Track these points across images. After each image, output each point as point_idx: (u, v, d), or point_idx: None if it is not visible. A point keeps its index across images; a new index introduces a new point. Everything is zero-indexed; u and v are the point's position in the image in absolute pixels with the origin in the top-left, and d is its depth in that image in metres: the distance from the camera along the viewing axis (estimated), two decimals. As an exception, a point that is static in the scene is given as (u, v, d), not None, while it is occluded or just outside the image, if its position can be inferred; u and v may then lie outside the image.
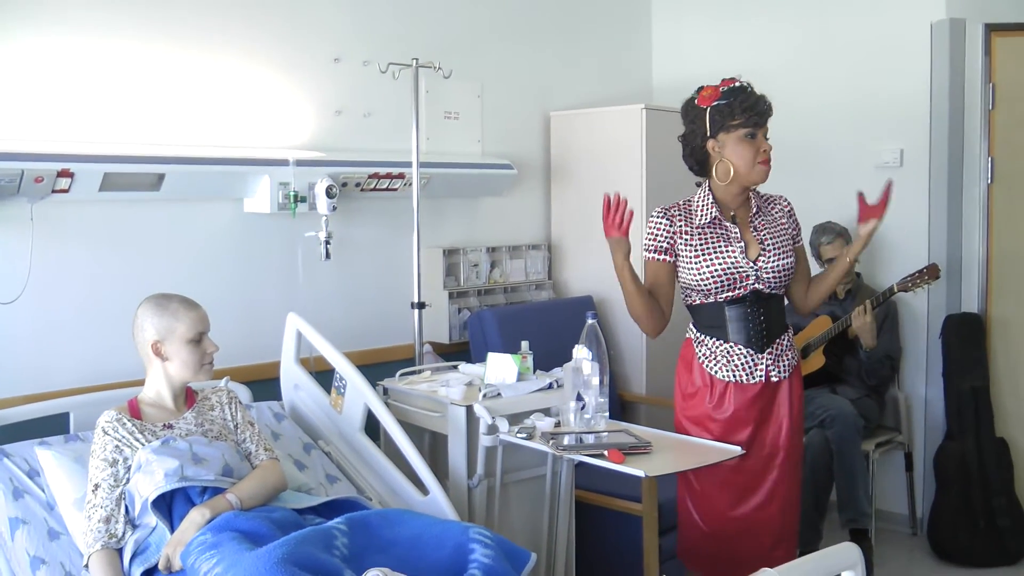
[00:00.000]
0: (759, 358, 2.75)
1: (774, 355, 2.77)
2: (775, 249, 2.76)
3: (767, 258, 2.74)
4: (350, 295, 3.69)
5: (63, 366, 2.97)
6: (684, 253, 2.76)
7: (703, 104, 2.74)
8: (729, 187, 2.76)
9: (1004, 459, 4.02)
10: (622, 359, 4.22)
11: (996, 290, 4.18)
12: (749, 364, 2.75)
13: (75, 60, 2.97)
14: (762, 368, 2.75)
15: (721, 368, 2.76)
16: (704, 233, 2.76)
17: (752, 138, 2.70)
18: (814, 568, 1.58)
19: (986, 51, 4.10)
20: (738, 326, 2.75)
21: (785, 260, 2.76)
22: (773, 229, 2.79)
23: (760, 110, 2.70)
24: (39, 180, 2.77)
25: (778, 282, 2.76)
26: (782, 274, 2.76)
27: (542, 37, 4.38)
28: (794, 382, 2.82)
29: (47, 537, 2.38)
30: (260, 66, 3.40)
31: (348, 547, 2.15)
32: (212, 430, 2.50)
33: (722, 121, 2.70)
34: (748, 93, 2.71)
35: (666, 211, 2.80)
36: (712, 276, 2.72)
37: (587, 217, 4.31)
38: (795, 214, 2.89)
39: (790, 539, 2.86)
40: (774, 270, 2.73)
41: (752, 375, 2.75)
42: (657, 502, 2.80)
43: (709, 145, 2.75)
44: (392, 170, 3.61)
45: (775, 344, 2.78)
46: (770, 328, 2.76)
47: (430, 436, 3.14)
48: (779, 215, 2.84)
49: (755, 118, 2.69)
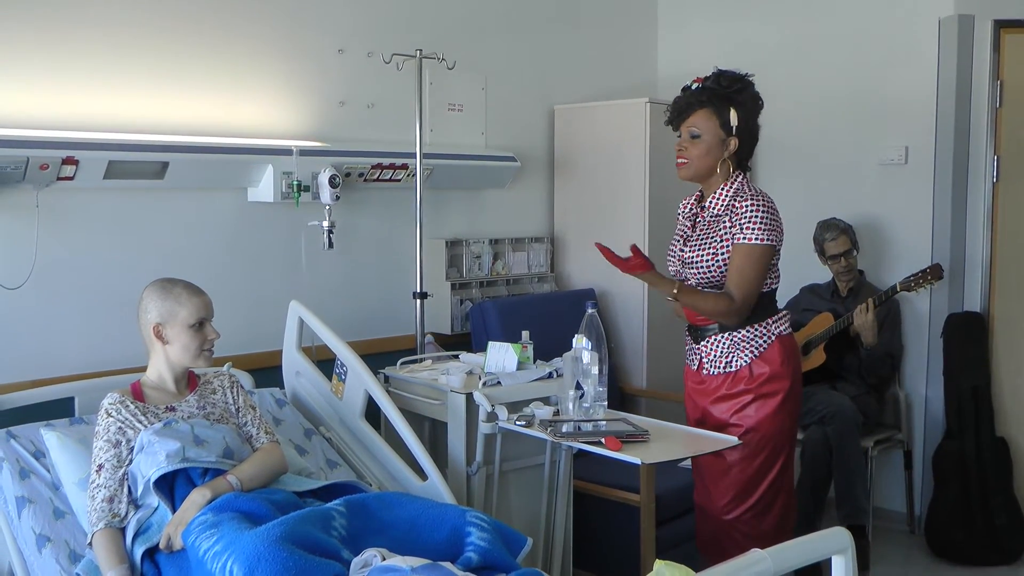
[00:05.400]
0: (696, 348, 2.89)
1: (708, 348, 2.84)
2: (697, 241, 2.83)
3: (689, 249, 2.85)
4: (353, 285, 3.71)
5: (68, 352, 3.00)
6: None
7: None
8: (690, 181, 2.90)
9: (1003, 459, 4.02)
10: (623, 352, 4.24)
11: (999, 289, 4.16)
12: (690, 352, 2.94)
13: (80, 48, 2.99)
14: (697, 358, 2.89)
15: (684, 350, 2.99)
16: (678, 221, 2.98)
17: (679, 136, 2.83)
18: (804, 551, 1.59)
19: (995, 48, 4.07)
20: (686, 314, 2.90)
21: (702, 253, 2.79)
22: (708, 223, 2.83)
23: (673, 108, 2.82)
24: (44, 167, 2.79)
25: (701, 275, 2.80)
26: (702, 267, 2.78)
27: (547, 30, 4.40)
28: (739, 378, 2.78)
29: (52, 516, 2.42)
30: (265, 56, 3.43)
31: (346, 528, 2.18)
32: (214, 413, 2.53)
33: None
34: (681, 92, 2.83)
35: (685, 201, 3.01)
36: (671, 268, 2.93)
37: (590, 211, 4.33)
38: (749, 213, 2.71)
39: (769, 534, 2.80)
40: (693, 263, 2.81)
41: (693, 362, 2.92)
42: (655, 492, 2.82)
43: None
44: (395, 161, 3.63)
45: (709, 339, 2.83)
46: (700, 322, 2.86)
47: (430, 424, 3.16)
48: (722, 211, 2.79)
49: (668, 116, 2.86)
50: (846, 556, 1.61)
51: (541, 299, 4.14)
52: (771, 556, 1.51)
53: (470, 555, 2.16)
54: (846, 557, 1.61)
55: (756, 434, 2.77)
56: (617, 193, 4.22)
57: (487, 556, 2.17)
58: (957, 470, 3.98)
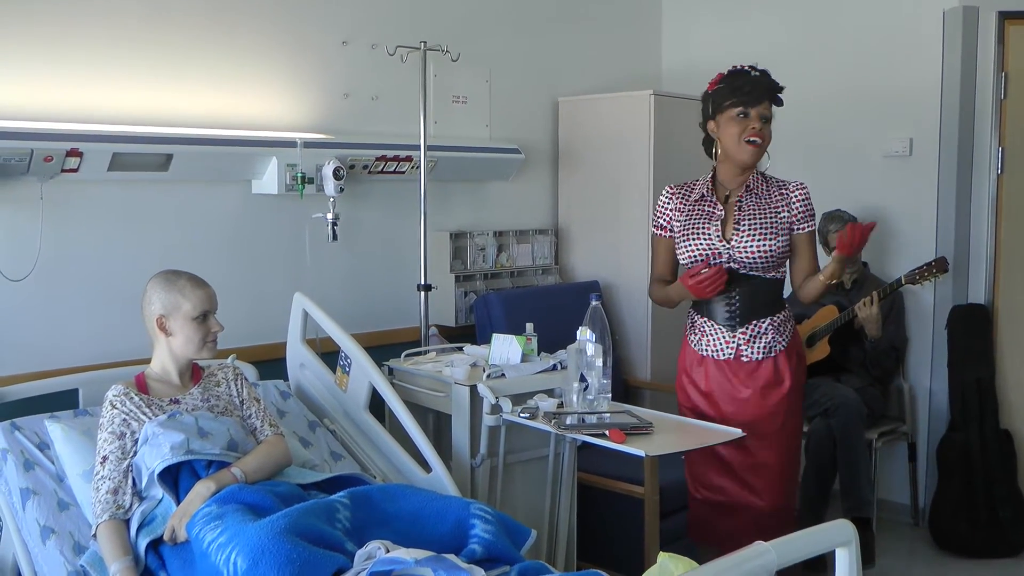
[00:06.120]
0: (731, 336, 2.85)
1: (748, 335, 2.84)
2: (751, 231, 2.80)
3: (740, 238, 2.80)
4: (357, 277, 3.71)
5: (72, 344, 3.01)
6: (677, 229, 2.91)
7: (709, 89, 2.89)
8: (726, 167, 2.88)
9: (1007, 451, 4.02)
10: (627, 344, 4.24)
11: (1004, 281, 4.16)
12: (721, 341, 2.87)
13: (84, 41, 2.99)
14: (733, 346, 2.86)
15: (699, 341, 2.92)
16: (693, 210, 2.89)
17: (744, 117, 2.79)
18: (808, 543, 1.58)
19: (999, 39, 4.07)
20: (713, 304, 2.87)
21: (762, 243, 2.79)
22: (759, 212, 2.83)
23: (747, 90, 2.79)
24: (48, 159, 2.79)
25: (753, 263, 2.80)
26: (757, 256, 2.79)
27: (551, 22, 4.39)
28: (779, 363, 2.85)
29: (57, 508, 2.42)
30: (269, 48, 3.42)
31: (350, 520, 2.18)
32: (218, 405, 2.53)
33: (719, 102, 2.84)
34: (743, 75, 2.82)
35: (670, 189, 2.97)
36: (693, 254, 2.85)
37: (594, 203, 4.32)
38: (807, 201, 2.88)
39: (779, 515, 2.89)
40: (747, 251, 2.79)
41: (723, 352, 2.87)
42: (659, 485, 2.83)
43: (710, 127, 2.89)
44: (400, 153, 3.63)
45: (750, 325, 2.84)
46: (745, 308, 2.84)
47: (434, 416, 3.16)
48: (777, 198, 2.85)
49: (743, 97, 2.79)
50: (850, 548, 1.61)
51: (545, 291, 4.14)
52: (775, 548, 1.50)
53: (474, 547, 2.16)
54: (850, 549, 1.61)
55: (795, 419, 2.91)
56: (621, 185, 4.22)
57: (491, 548, 2.18)
58: (961, 462, 3.98)
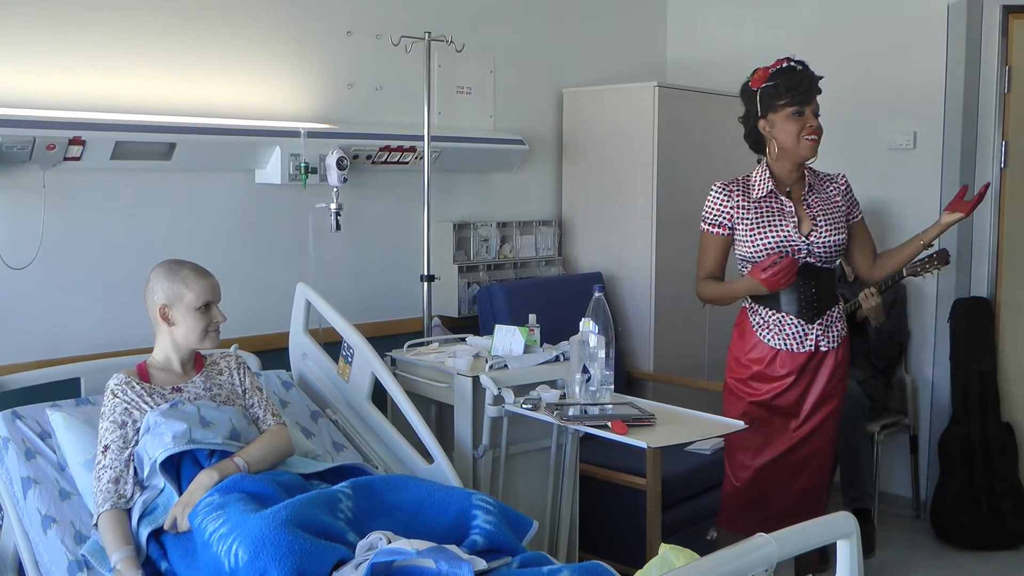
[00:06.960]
0: (809, 328, 2.90)
1: (824, 326, 2.92)
2: (827, 225, 2.89)
3: (819, 233, 2.87)
4: (360, 267, 3.71)
5: (74, 332, 3.00)
6: (741, 227, 2.91)
7: (754, 86, 2.92)
8: (782, 164, 2.91)
9: (1009, 444, 4.02)
10: (630, 336, 4.23)
11: (1006, 275, 4.16)
12: (799, 334, 2.90)
13: (87, 28, 2.98)
14: (812, 338, 2.91)
15: (773, 336, 2.92)
16: (760, 207, 2.90)
17: (799, 115, 2.84)
18: (809, 535, 1.59)
19: (1003, 33, 4.07)
20: (790, 298, 2.90)
21: (837, 236, 2.90)
22: (826, 206, 2.92)
23: (803, 88, 2.84)
24: (51, 147, 2.79)
25: (828, 257, 2.90)
26: (833, 250, 2.89)
27: (556, 13, 4.38)
28: (841, 352, 2.95)
29: (58, 497, 2.42)
30: (273, 37, 3.41)
31: (352, 511, 2.18)
32: (220, 395, 2.53)
33: (770, 101, 2.86)
34: (794, 72, 2.85)
35: (725, 187, 2.96)
36: (767, 249, 2.86)
37: (598, 194, 4.32)
38: (852, 191, 3.01)
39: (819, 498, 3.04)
40: (825, 245, 2.87)
41: (803, 344, 2.90)
42: (660, 476, 2.83)
43: (761, 125, 2.91)
44: (403, 143, 3.62)
45: (825, 315, 2.92)
46: (821, 300, 2.92)
47: (436, 407, 3.17)
48: (833, 192, 2.97)
49: (799, 96, 2.84)
50: (851, 540, 1.61)
51: (548, 282, 4.14)
52: (776, 540, 1.51)
53: (476, 538, 2.17)
54: (851, 541, 1.61)
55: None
56: (625, 177, 4.21)
57: (493, 539, 2.18)
58: (963, 455, 3.98)
